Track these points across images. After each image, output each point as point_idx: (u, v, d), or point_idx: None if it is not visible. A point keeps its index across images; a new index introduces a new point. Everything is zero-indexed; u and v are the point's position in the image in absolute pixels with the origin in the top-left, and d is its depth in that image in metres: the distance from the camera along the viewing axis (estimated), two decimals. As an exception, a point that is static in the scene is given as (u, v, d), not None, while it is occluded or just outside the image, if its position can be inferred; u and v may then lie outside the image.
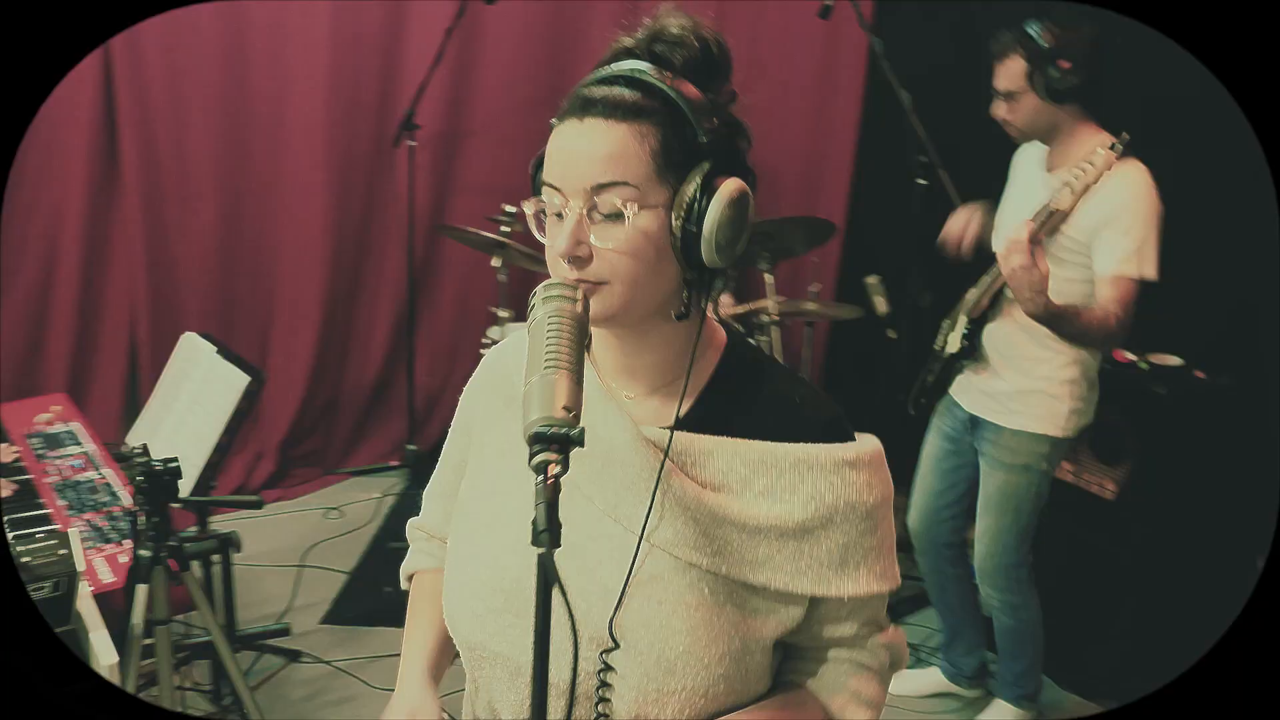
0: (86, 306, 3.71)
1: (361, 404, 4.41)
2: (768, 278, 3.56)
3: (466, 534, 1.21)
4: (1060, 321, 2.33)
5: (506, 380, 1.23)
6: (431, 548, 1.37)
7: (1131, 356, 3.13)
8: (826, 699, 1.16)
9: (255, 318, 4.10)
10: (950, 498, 2.89)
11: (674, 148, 1.03)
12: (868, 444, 1.12)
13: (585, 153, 1.03)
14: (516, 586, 1.11)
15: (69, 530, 1.74)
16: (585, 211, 1.03)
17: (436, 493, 1.36)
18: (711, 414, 1.12)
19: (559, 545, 0.88)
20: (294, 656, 3.10)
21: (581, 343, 0.99)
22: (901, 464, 3.01)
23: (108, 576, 2.20)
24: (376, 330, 4.35)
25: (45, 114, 3.47)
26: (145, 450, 1.95)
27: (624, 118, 1.02)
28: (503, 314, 3.67)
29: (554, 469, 0.88)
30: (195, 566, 2.88)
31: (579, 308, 1.01)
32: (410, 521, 1.41)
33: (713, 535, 1.07)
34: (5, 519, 2.42)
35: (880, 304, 3.53)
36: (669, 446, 1.08)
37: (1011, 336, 2.60)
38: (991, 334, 2.66)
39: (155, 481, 1.93)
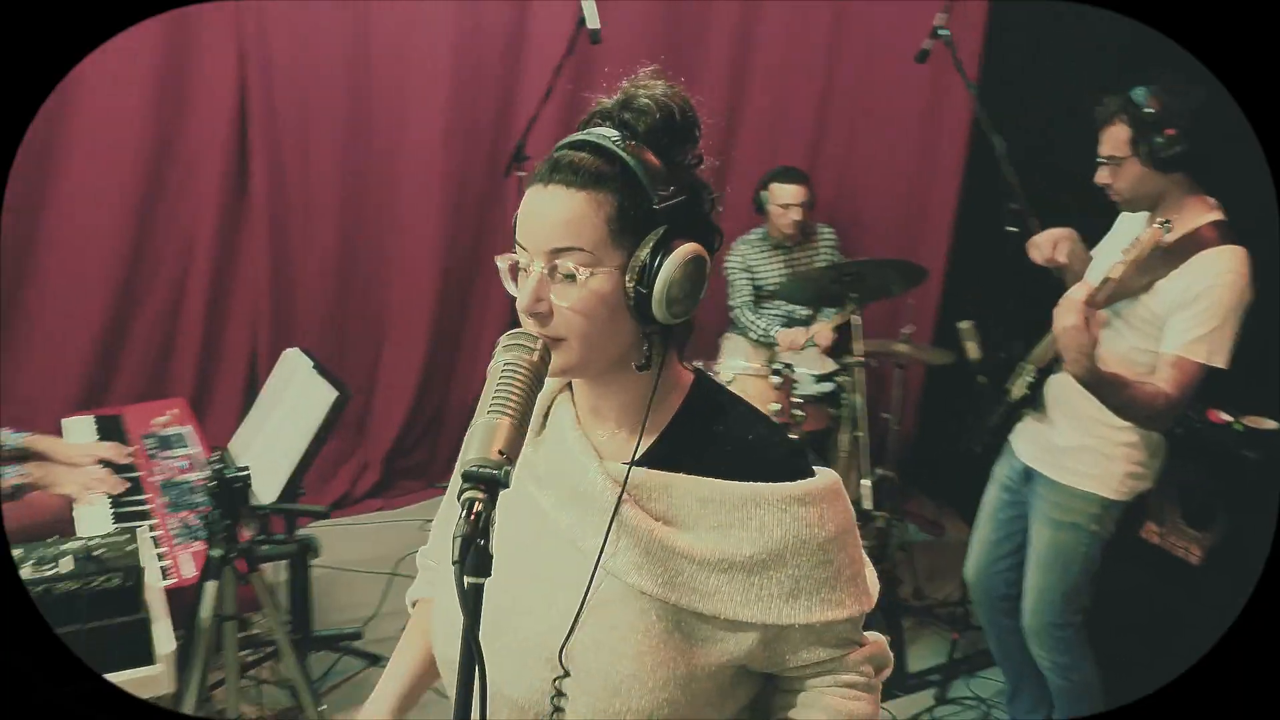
0: (213, 318, 3.97)
1: (466, 421, 4.50)
2: (855, 319, 3.57)
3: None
4: (1104, 389, 2.27)
5: None
6: (433, 575, 1.44)
7: (1227, 418, 3.02)
8: None
9: (368, 334, 4.32)
10: (1006, 549, 2.84)
11: (629, 213, 1.10)
12: (821, 480, 1.16)
13: (546, 217, 1.10)
14: (487, 610, 1.18)
15: (137, 529, 1.90)
16: (546, 271, 1.11)
17: (442, 520, 1.44)
18: (672, 452, 1.18)
19: (488, 575, 0.96)
20: (373, 660, 3.25)
21: (533, 391, 1.07)
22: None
23: (190, 571, 2.39)
24: (482, 351, 4.52)
25: (184, 138, 3.77)
26: (222, 457, 2.11)
27: (583, 185, 1.09)
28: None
29: (478, 506, 0.96)
30: (281, 569, 3.08)
31: (535, 357, 1.09)
32: (419, 550, 1.49)
33: (665, 565, 1.13)
34: (112, 510, 2.66)
35: (972, 350, 3.48)
36: (625, 480, 1.14)
37: (1072, 391, 2.55)
38: (1054, 386, 2.62)
39: (226, 487, 2.08)
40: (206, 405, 4.01)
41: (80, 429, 3.16)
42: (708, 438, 1.19)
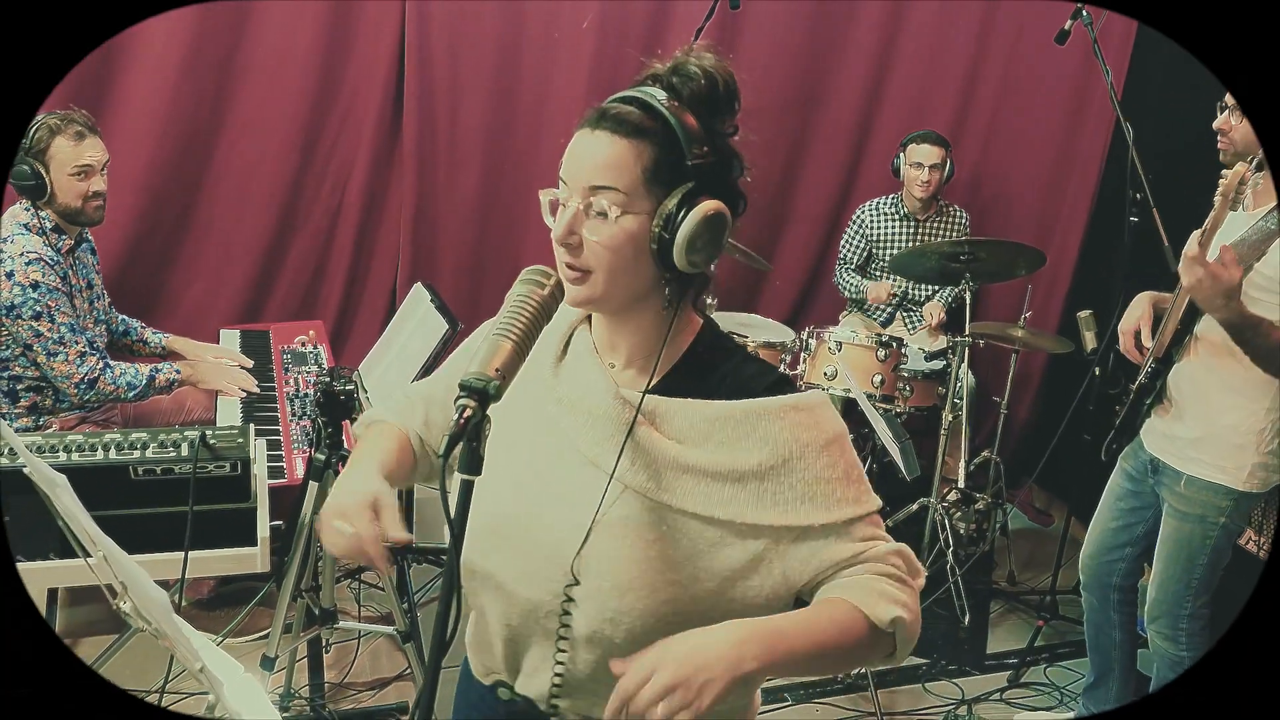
0: (360, 251, 4.25)
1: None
2: (967, 297, 3.57)
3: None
4: (1254, 332, 2.24)
5: (540, 347, 1.44)
6: (396, 407, 1.50)
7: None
8: (855, 600, 1.23)
9: (501, 277, 4.52)
10: (1123, 538, 2.82)
11: (664, 166, 1.22)
12: (811, 394, 1.29)
13: (589, 157, 1.23)
14: (507, 518, 1.32)
15: (249, 427, 2.14)
16: (582, 207, 1.24)
17: (420, 394, 1.51)
18: (680, 383, 1.31)
19: (478, 473, 1.11)
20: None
21: (539, 321, 1.21)
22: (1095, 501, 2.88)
23: (302, 473, 2.65)
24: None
25: (345, 81, 4.04)
26: (330, 372, 2.34)
27: (627, 134, 1.22)
28: (710, 300, 3.89)
29: (468, 412, 1.10)
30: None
31: (546, 293, 1.22)
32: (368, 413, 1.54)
33: (677, 479, 1.25)
34: (241, 412, 2.95)
35: (1089, 340, 3.43)
36: (640, 404, 1.27)
37: (1197, 379, 2.51)
38: (1178, 375, 2.57)
39: (332, 399, 2.31)
40: (349, 329, 4.32)
41: (227, 341, 3.50)
42: (712, 373, 1.32)
